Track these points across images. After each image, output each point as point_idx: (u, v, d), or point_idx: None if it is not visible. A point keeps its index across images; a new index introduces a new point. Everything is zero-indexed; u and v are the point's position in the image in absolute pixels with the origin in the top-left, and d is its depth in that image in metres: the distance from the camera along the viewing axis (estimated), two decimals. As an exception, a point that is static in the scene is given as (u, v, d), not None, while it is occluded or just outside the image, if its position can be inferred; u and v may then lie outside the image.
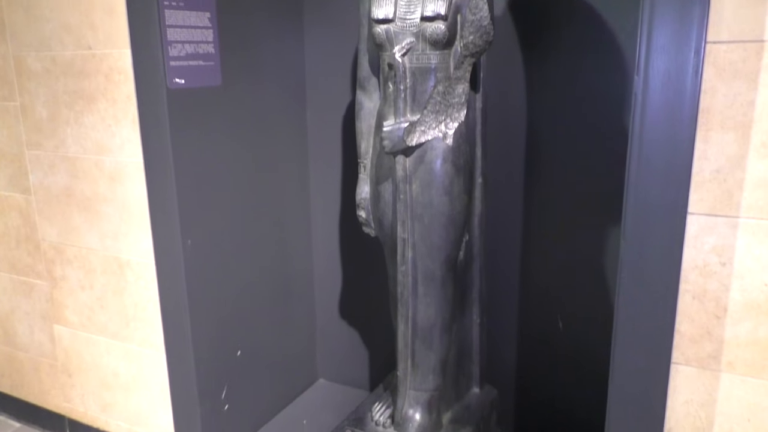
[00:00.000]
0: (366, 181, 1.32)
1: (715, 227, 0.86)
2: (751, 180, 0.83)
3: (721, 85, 0.82)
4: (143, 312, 1.52)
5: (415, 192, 1.20)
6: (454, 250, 1.25)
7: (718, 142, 0.84)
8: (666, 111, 0.84)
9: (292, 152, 1.63)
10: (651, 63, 0.85)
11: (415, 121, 1.17)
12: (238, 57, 1.41)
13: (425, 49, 1.14)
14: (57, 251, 1.63)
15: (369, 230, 1.35)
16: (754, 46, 0.79)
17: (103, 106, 1.43)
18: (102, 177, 1.48)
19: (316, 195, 1.70)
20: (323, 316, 1.79)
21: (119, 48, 1.36)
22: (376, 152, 1.28)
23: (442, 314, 1.26)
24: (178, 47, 1.27)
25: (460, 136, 1.18)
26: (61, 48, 1.44)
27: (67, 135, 1.50)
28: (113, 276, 1.54)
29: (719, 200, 0.85)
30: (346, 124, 1.59)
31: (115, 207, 1.48)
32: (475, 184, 1.28)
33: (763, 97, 0.80)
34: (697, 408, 0.95)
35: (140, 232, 1.46)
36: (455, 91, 1.17)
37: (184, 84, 1.29)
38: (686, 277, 0.90)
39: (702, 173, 0.86)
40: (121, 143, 1.43)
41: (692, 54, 0.82)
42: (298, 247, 1.70)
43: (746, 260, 0.86)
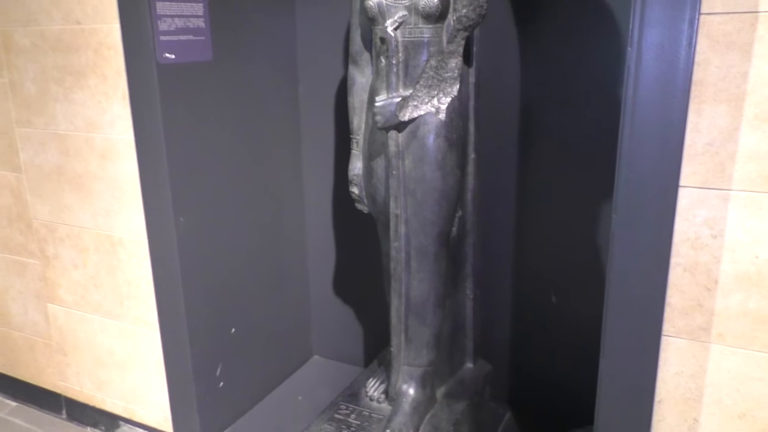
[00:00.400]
0: (359, 157, 1.32)
1: (707, 200, 0.87)
2: (743, 153, 0.83)
3: (715, 57, 0.82)
4: (137, 290, 1.52)
5: (408, 167, 1.20)
6: (447, 225, 1.25)
7: (711, 114, 0.84)
8: (659, 83, 0.84)
9: (285, 128, 1.62)
10: (644, 35, 0.84)
11: (408, 96, 1.16)
12: (229, 32, 1.39)
13: (418, 22, 1.13)
14: (49, 230, 1.62)
15: (362, 206, 1.34)
16: (748, 17, 0.78)
17: (93, 82, 1.41)
18: (93, 154, 1.47)
19: (309, 171, 1.69)
20: (317, 293, 1.80)
21: (108, 23, 1.34)
22: (368, 128, 1.27)
23: (435, 289, 1.27)
24: (168, 21, 1.25)
25: (453, 110, 1.17)
26: (49, 22, 1.42)
27: (56, 112, 1.49)
28: (106, 254, 1.54)
29: (711, 173, 0.85)
30: (338, 99, 1.58)
31: (107, 185, 1.47)
32: (468, 159, 1.28)
33: (757, 69, 0.79)
34: (687, 379, 0.96)
35: (132, 210, 1.45)
36: (448, 65, 1.16)
37: (174, 59, 1.27)
38: (677, 250, 0.91)
39: (694, 146, 0.86)
40: (112, 120, 1.41)
41: (686, 25, 0.81)
42: (291, 223, 1.69)
43: (737, 233, 0.86)
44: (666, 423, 1.00)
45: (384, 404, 1.38)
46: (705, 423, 0.97)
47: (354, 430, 1.30)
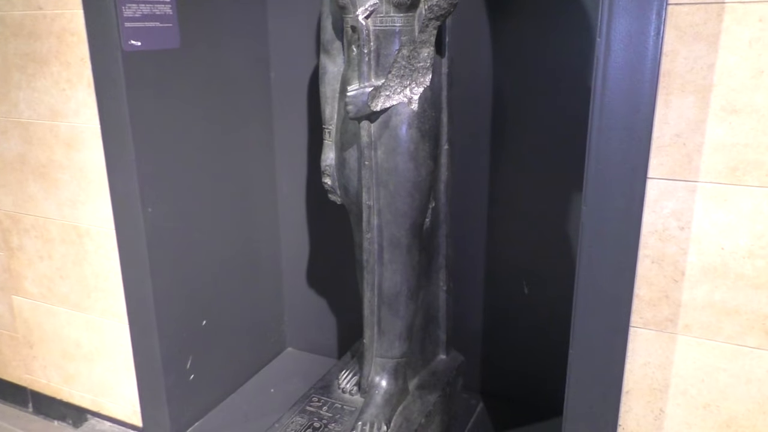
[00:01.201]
0: (331, 147, 1.30)
1: (675, 191, 0.87)
2: (710, 144, 0.83)
3: (682, 48, 0.81)
4: (104, 282, 1.49)
5: (380, 158, 1.18)
6: (420, 216, 1.24)
7: (679, 106, 0.84)
8: (627, 74, 0.84)
9: (256, 117, 1.59)
10: (613, 25, 0.84)
11: (380, 86, 1.15)
12: (197, 18, 1.36)
13: (389, 11, 1.12)
14: (13, 220, 1.58)
15: (335, 197, 1.33)
16: (715, 8, 0.78)
17: (57, 69, 1.37)
18: (57, 143, 1.43)
19: (281, 161, 1.67)
20: (291, 284, 1.78)
21: (71, 8, 1.30)
22: (340, 117, 1.25)
23: (407, 281, 1.26)
24: (133, 8, 1.22)
25: (425, 101, 1.16)
26: (9, 8, 1.38)
27: (19, 99, 1.45)
28: (72, 245, 1.50)
29: (679, 164, 0.86)
30: (311, 88, 1.56)
31: (72, 174, 1.44)
32: (441, 149, 1.27)
33: (723, 60, 0.79)
34: (654, 370, 0.97)
35: (99, 200, 1.42)
36: (420, 55, 1.15)
37: (140, 46, 1.24)
38: (646, 242, 0.91)
39: (662, 137, 0.86)
40: (77, 108, 1.38)
41: (654, 15, 0.81)
42: (263, 214, 1.67)
43: (704, 224, 0.87)
44: (633, 413, 1.01)
45: (356, 396, 1.37)
46: (671, 413, 0.98)
47: (326, 422, 1.30)
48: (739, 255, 0.85)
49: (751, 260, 0.85)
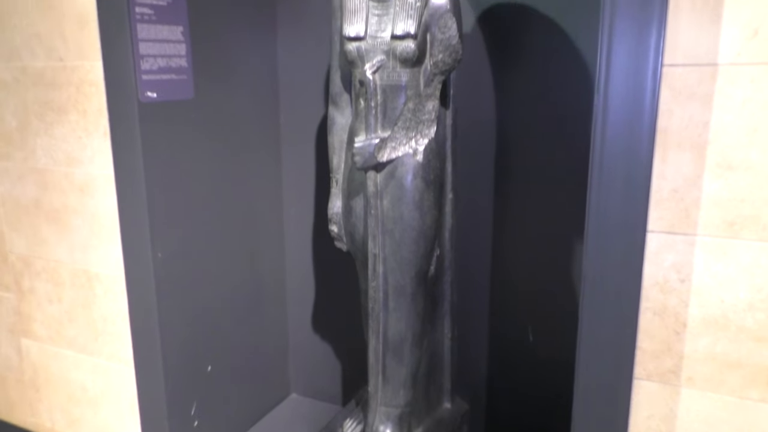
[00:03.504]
0: (338, 195, 1.33)
1: (674, 245, 0.88)
2: (707, 199, 0.85)
3: (677, 107, 0.84)
4: (112, 326, 1.51)
5: (386, 207, 1.21)
6: (425, 264, 1.26)
7: (676, 161, 0.86)
8: (625, 131, 0.87)
9: (265, 164, 1.63)
10: (610, 83, 0.87)
11: (386, 138, 1.18)
12: (210, 70, 1.41)
13: (396, 66, 1.16)
14: (25, 263, 1.61)
15: (341, 245, 1.35)
16: (708, 70, 0.82)
17: (74, 117, 1.42)
18: (72, 189, 1.47)
19: (289, 208, 1.70)
20: (296, 330, 1.79)
21: (91, 60, 1.36)
22: (348, 167, 1.29)
23: (412, 328, 1.27)
24: (150, 61, 1.27)
25: (430, 151, 1.19)
26: (31, 59, 1.43)
27: (37, 146, 1.49)
28: (82, 289, 1.53)
29: (677, 218, 0.87)
30: (319, 137, 1.60)
31: (85, 219, 1.47)
32: (446, 198, 1.29)
33: (717, 119, 0.82)
34: (658, 422, 0.97)
35: (110, 245, 1.44)
36: (425, 107, 1.18)
37: (156, 98, 1.29)
38: (647, 294, 0.92)
39: (660, 192, 0.88)
40: (92, 155, 1.42)
41: (649, 75, 0.84)
42: (270, 260, 1.69)
43: (704, 277, 0.88)
44: (639, 466, 1.01)
45: (360, 445, 1.36)
46: (676, 466, 0.97)
47: (329, 471, 1.29)
48: (740, 308, 0.86)
49: (751, 313, 0.86)
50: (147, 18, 1.25)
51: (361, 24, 1.16)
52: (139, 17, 1.23)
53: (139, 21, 1.24)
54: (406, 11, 1.12)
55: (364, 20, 1.16)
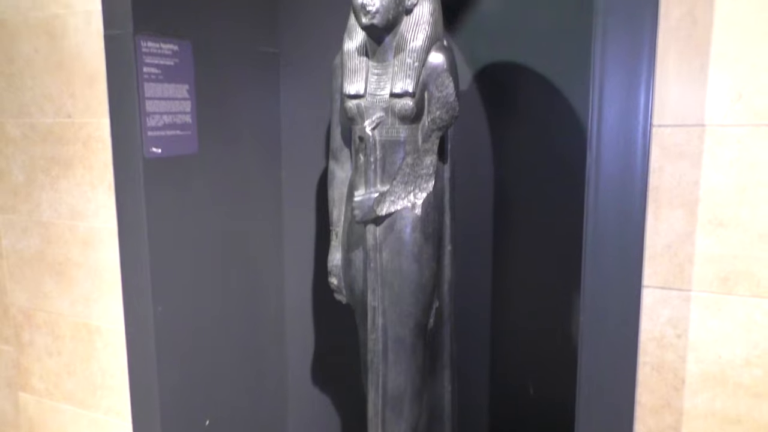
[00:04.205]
0: (338, 248, 1.35)
1: (669, 300, 0.89)
2: (700, 255, 0.86)
3: (668, 165, 0.87)
4: (111, 379, 1.50)
5: (385, 260, 1.22)
6: (424, 316, 1.26)
7: (668, 218, 0.88)
8: (618, 188, 0.89)
9: (267, 218, 1.65)
10: (602, 141, 0.90)
11: (385, 192, 1.20)
12: (214, 125, 1.45)
13: (394, 123, 1.19)
14: (26, 316, 1.61)
15: (340, 297, 1.36)
16: (696, 130, 0.84)
17: (80, 172, 1.45)
18: (75, 242, 1.49)
19: (289, 261, 1.71)
20: (295, 383, 1.77)
21: (98, 117, 1.39)
22: (347, 220, 1.31)
23: (412, 382, 1.27)
24: (156, 118, 1.31)
25: (428, 205, 1.22)
26: (40, 115, 1.47)
27: (42, 200, 1.52)
28: (82, 342, 1.53)
29: (672, 274, 0.89)
30: (319, 191, 1.62)
31: (87, 272, 1.48)
32: (444, 251, 1.31)
33: (707, 178, 0.84)
34: (660, 479, 0.96)
35: (111, 298, 1.45)
36: (423, 162, 1.21)
37: (160, 153, 1.32)
38: (645, 349, 0.93)
39: (654, 247, 0.90)
40: (96, 209, 1.44)
41: (640, 135, 0.87)
42: (270, 313, 1.70)
43: (700, 332, 0.89)
44: None
45: (360, 502, 1.34)
46: None
47: None
48: (737, 364, 0.87)
49: (748, 369, 0.86)
50: (154, 77, 1.29)
51: (361, 82, 1.20)
52: (147, 76, 1.28)
53: (147, 80, 1.28)
54: (405, 71, 1.16)
55: (363, 79, 1.20)
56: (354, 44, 1.21)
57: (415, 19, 1.15)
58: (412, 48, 1.15)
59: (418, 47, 1.14)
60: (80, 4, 1.39)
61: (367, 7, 1.11)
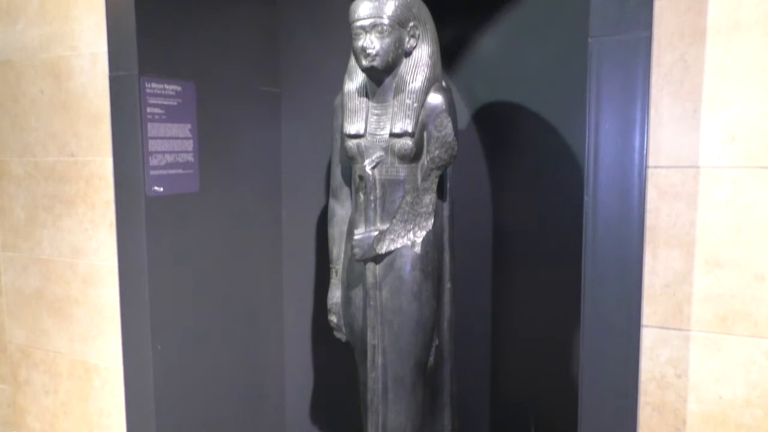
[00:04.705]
0: (337, 286, 1.35)
1: (669, 340, 0.90)
2: (698, 295, 0.87)
3: (664, 206, 0.88)
4: (108, 419, 1.48)
5: (385, 298, 1.23)
6: (424, 355, 1.26)
7: (666, 258, 0.89)
8: (615, 229, 0.90)
9: (266, 256, 1.66)
10: (599, 182, 0.91)
11: (385, 230, 1.21)
12: (216, 163, 1.46)
13: (394, 162, 1.21)
14: (24, 354, 1.60)
15: (340, 335, 1.36)
16: (691, 171, 0.86)
17: (82, 210, 1.46)
18: (75, 279, 1.49)
19: (288, 299, 1.71)
20: (295, 422, 1.75)
21: (102, 156, 1.41)
22: (347, 258, 1.31)
23: (412, 421, 1.25)
24: (159, 157, 1.32)
25: (428, 243, 1.23)
26: (44, 154, 1.49)
27: (43, 237, 1.52)
28: (79, 381, 1.51)
29: (671, 313, 0.89)
30: (319, 229, 1.63)
31: (87, 310, 1.48)
32: (444, 288, 1.31)
33: (703, 218, 0.86)
34: None
35: (110, 336, 1.45)
36: (423, 201, 1.23)
37: (162, 192, 1.33)
38: (645, 389, 0.92)
39: (653, 287, 0.90)
40: (97, 247, 1.45)
41: (636, 176, 0.88)
42: (270, 351, 1.69)
43: (700, 372, 0.89)
44: None
45: None
46: None
47: None
48: (737, 404, 0.87)
49: (749, 409, 0.86)
50: (158, 117, 1.32)
51: (361, 123, 1.22)
52: (150, 116, 1.30)
53: (150, 120, 1.30)
54: (404, 111, 1.18)
55: (364, 119, 1.22)
56: (354, 85, 1.24)
57: (415, 61, 1.18)
58: (412, 89, 1.17)
59: (418, 88, 1.17)
60: (86, 46, 1.42)
61: (368, 50, 1.14)
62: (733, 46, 0.86)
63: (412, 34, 1.16)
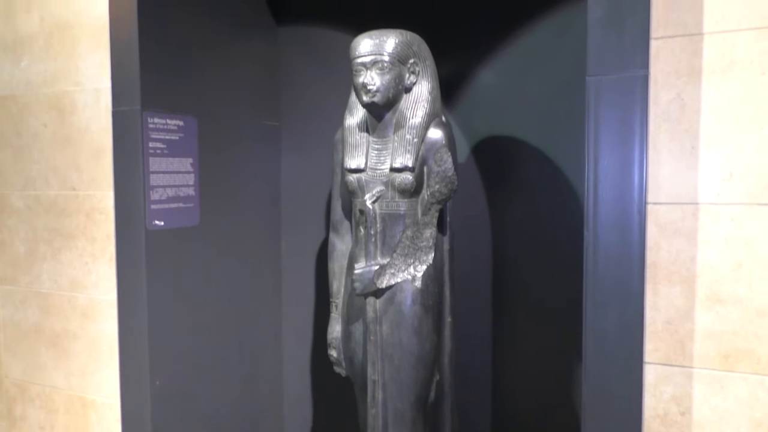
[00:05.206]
0: (337, 320, 1.34)
1: (672, 376, 0.89)
2: (700, 331, 0.87)
3: (664, 242, 0.88)
4: (104, 456, 1.46)
5: (385, 333, 1.22)
6: (425, 390, 1.25)
7: (667, 294, 0.89)
8: (616, 264, 0.90)
9: (265, 289, 1.65)
10: (599, 219, 0.92)
11: (385, 264, 1.21)
12: (216, 197, 1.47)
13: (394, 196, 1.21)
14: (20, 389, 1.58)
15: (340, 370, 1.35)
16: (690, 208, 0.87)
17: (82, 243, 1.46)
18: (74, 313, 1.48)
19: (288, 333, 1.70)
20: (293, 457, 1.73)
21: (103, 190, 1.42)
22: (347, 292, 1.31)
23: (413, 458, 1.24)
24: (160, 191, 1.33)
25: (428, 277, 1.22)
26: (45, 188, 1.50)
27: (42, 271, 1.52)
28: (75, 416, 1.49)
29: (673, 350, 0.89)
30: (318, 262, 1.63)
31: (85, 344, 1.47)
32: (444, 323, 1.30)
33: (703, 254, 0.86)
34: None
35: (108, 371, 1.43)
36: (423, 235, 1.23)
37: (163, 225, 1.34)
38: (649, 427, 0.91)
39: (655, 323, 0.90)
40: (97, 280, 1.44)
41: (635, 212, 0.89)
42: (268, 385, 1.67)
43: (704, 410, 0.88)
44: None
45: None
46: None
47: None
48: (743, 443, 0.86)
49: (755, 448, 0.85)
50: (159, 151, 1.32)
51: (361, 157, 1.23)
52: (152, 151, 1.31)
53: (152, 155, 1.31)
54: (405, 146, 1.19)
55: (364, 154, 1.23)
56: (355, 120, 1.25)
57: (415, 97, 1.19)
58: (412, 125, 1.18)
59: (418, 124, 1.18)
60: (90, 81, 1.44)
61: (368, 86, 1.15)
62: (728, 86, 0.88)
63: (412, 70, 1.18)
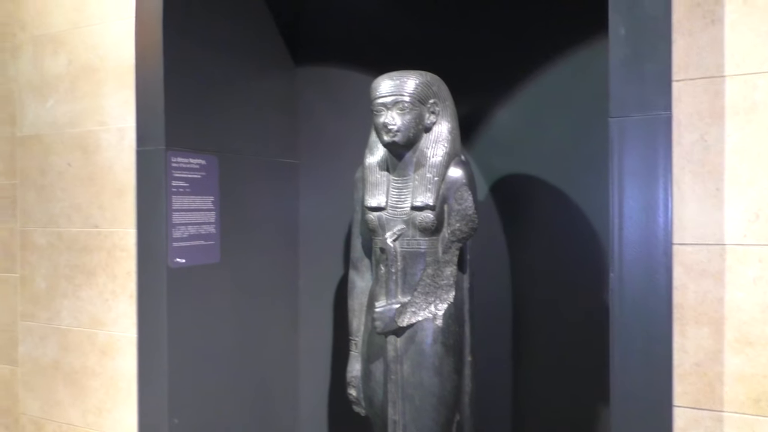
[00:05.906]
0: (357, 358, 1.33)
1: (702, 420, 0.88)
2: (730, 374, 0.86)
3: (691, 283, 0.88)
4: (119, 496, 1.45)
5: (406, 372, 1.21)
6: (446, 430, 1.23)
7: (695, 336, 0.88)
8: (642, 305, 0.89)
9: (284, 328, 1.65)
10: (624, 261, 0.91)
11: (406, 303, 1.21)
12: (237, 234, 1.48)
13: (415, 235, 1.22)
14: (36, 426, 1.57)
15: (359, 409, 1.33)
16: (716, 249, 0.86)
17: (103, 280, 1.47)
18: (93, 350, 1.48)
19: (305, 371, 1.69)
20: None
21: (125, 227, 1.43)
22: (367, 330, 1.30)
23: (433, 502, 1.21)
24: (182, 229, 1.34)
25: (449, 316, 1.22)
26: (68, 225, 1.52)
27: (63, 307, 1.53)
28: (92, 455, 1.48)
29: (702, 393, 0.88)
30: (337, 300, 1.63)
31: (103, 381, 1.46)
32: (465, 362, 1.29)
33: (731, 296, 0.85)
34: None
35: (125, 409, 1.43)
36: (444, 273, 1.23)
37: (184, 263, 1.34)
38: (680, 472, 0.90)
39: (683, 366, 0.89)
40: (116, 317, 1.45)
41: (661, 253, 0.89)
42: (286, 426, 1.65)
43: (736, 455, 0.86)
44: None
45: None
46: None
47: None
48: (778, 490, 0.84)
49: (790, 496, 0.83)
50: (182, 190, 1.34)
51: (382, 196, 1.24)
52: (175, 190, 1.33)
53: (175, 193, 1.33)
54: (425, 185, 1.20)
55: (385, 192, 1.24)
56: (375, 159, 1.26)
57: (435, 136, 1.21)
58: (432, 163, 1.19)
59: (438, 163, 1.19)
60: (114, 121, 1.47)
61: (389, 126, 1.17)
62: (752, 127, 0.88)
63: (432, 110, 1.19)
